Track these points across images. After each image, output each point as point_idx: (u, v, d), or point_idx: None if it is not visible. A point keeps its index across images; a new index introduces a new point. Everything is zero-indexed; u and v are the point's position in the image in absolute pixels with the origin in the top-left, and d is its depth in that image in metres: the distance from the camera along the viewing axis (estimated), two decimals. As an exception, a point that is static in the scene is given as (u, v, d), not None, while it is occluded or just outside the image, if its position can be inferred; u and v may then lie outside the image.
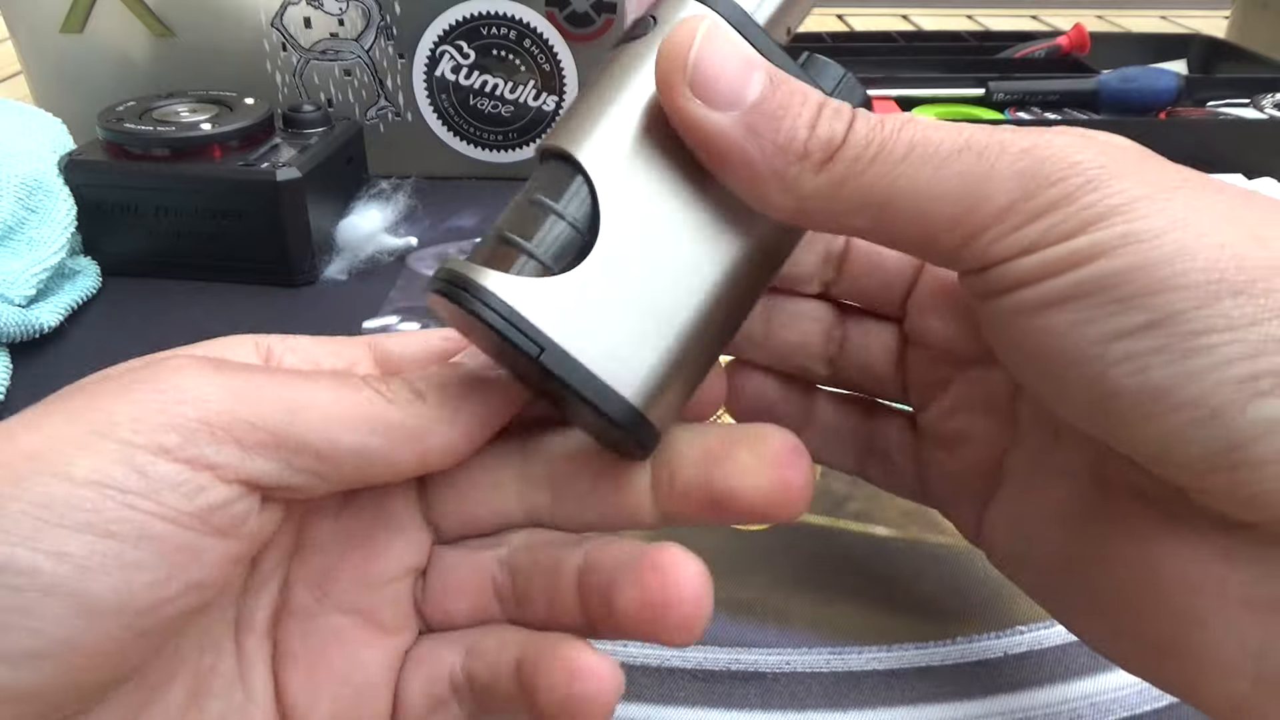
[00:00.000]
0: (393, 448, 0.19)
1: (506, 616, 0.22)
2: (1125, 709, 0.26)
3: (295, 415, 0.18)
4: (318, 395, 0.18)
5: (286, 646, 0.21)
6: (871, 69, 0.75)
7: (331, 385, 0.19)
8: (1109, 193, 0.17)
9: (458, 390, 0.20)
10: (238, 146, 0.45)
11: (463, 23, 0.54)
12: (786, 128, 0.18)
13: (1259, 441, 0.15)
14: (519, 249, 0.19)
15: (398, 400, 0.19)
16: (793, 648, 0.27)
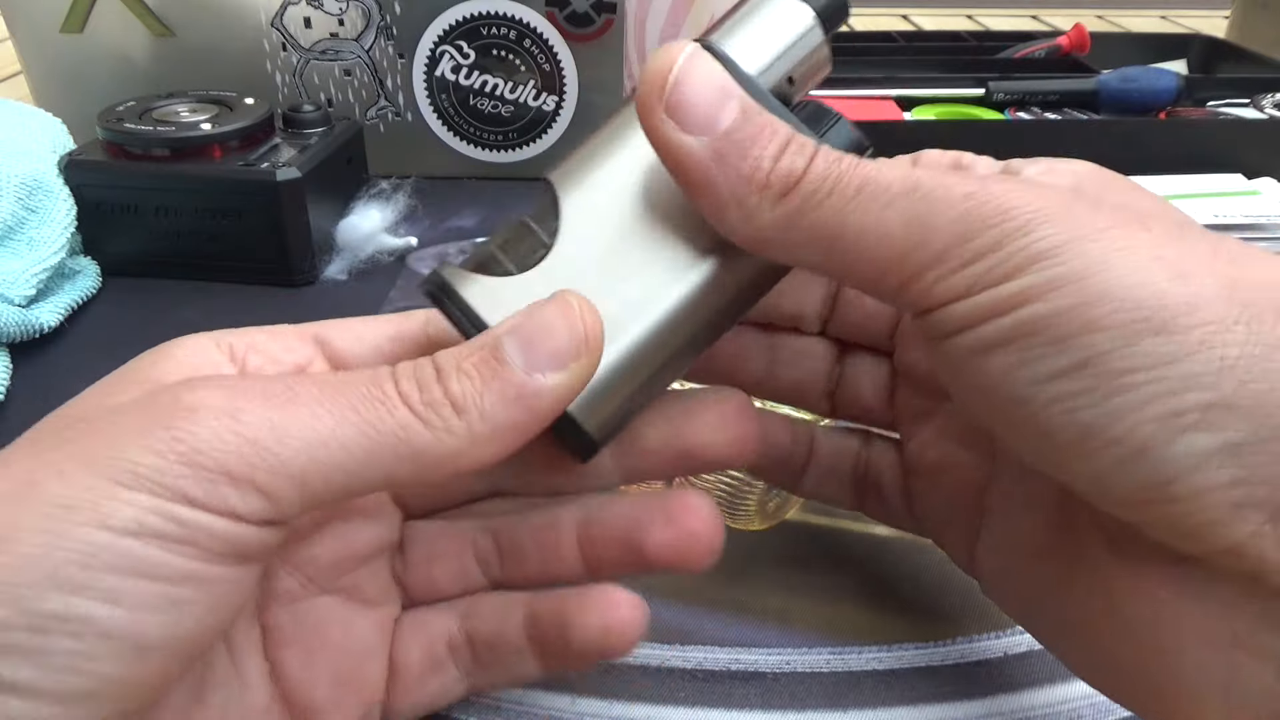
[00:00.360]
0: (423, 473, 0.18)
1: (490, 580, 0.23)
2: (1125, 709, 0.26)
3: (321, 455, 0.17)
4: (344, 430, 0.18)
5: (279, 631, 0.22)
6: (871, 69, 0.75)
7: (361, 409, 0.18)
8: (1040, 236, 0.17)
9: (502, 399, 0.19)
10: (238, 146, 0.45)
11: (463, 23, 0.54)
12: (752, 158, 0.19)
13: (1191, 474, 0.16)
14: (492, 255, 0.21)
15: (433, 420, 0.18)
16: (793, 648, 0.27)
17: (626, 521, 0.22)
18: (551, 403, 0.19)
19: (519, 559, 0.23)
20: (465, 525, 0.24)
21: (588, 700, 0.26)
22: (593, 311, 0.20)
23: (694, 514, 0.22)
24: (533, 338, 0.19)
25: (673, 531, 0.21)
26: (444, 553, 0.24)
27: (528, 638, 0.22)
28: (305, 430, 0.17)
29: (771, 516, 0.32)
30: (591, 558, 0.23)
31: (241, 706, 0.21)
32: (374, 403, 0.18)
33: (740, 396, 0.23)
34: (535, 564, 0.23)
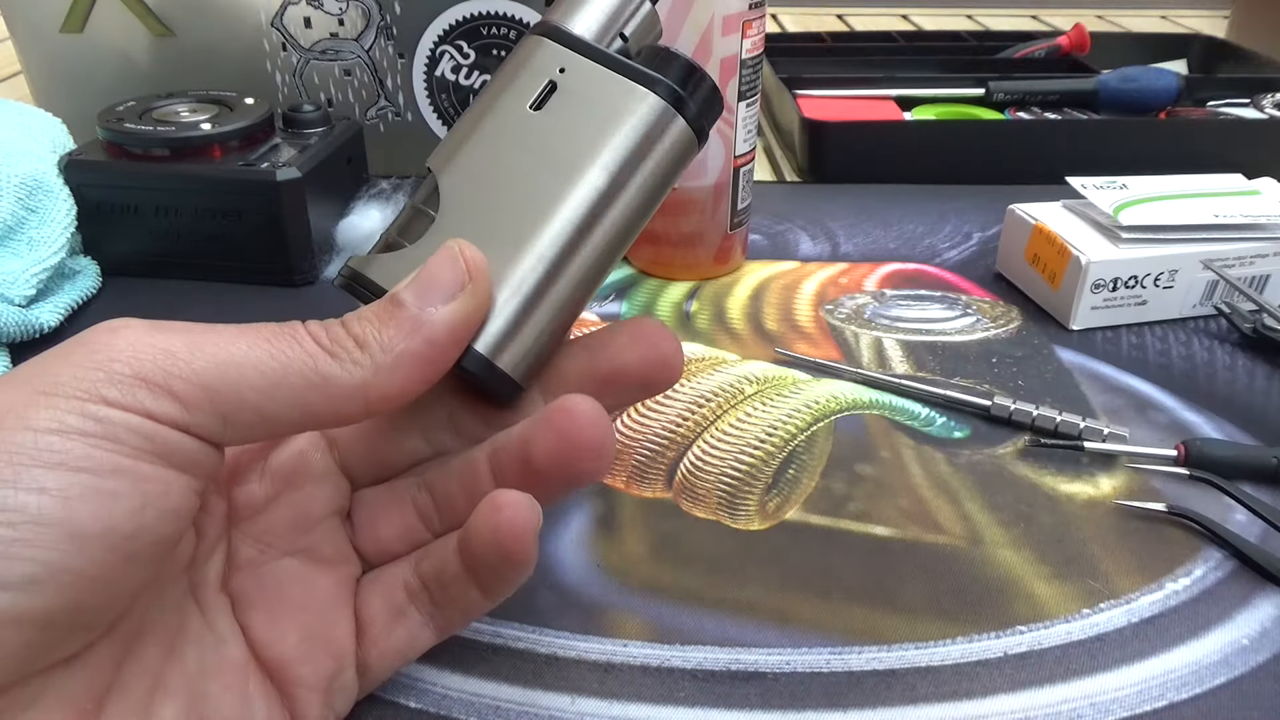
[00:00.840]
0: (333, 402, 0.20)
1: (432, 533, 0.24)
2: (1125, 709, 0.26)
3: (232, 372, 0.19)
4: (255, 352, 0.19)
5: (243, 596, 0.23)
6: (871, 69, 0.75)
7: (271, 339, 0.20)
8: None
9: (399, 332, 0.21)
10: (238, 146, 0.45)
11: (463, 23, 0.54)
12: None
13: None
14: (390, 239, 0.24)
15: (339, 353, 0.20)
16: (793, 648, 0.27)
17: (518, 439, 0.23)
18: (446, 331, 0.21)
19: (451, 506, 0.24)
20: (404, 485, 0.25)
21: (588, 700, 0.26)
22: (473, 249, 0.22)
23: (571, 416, 0.22)
24: (424, 282, 0.21)
25: (552, 437, 0.22)
26: (388, 512, 0.25)
27: (462, 563, 0.23)
28: (218, 350, 0.19)
29: (771, 516, 0.32)
30: (502, 484, 0.23)
31: (218, 659, 0.21)
32: (284, 337, 0.20)
33: (654, 320, 0.25)
34: (464, 506, 0.23)
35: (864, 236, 0.53)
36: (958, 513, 0.33)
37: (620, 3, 0.25)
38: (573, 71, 0.24)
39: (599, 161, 0.23)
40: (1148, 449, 0.35)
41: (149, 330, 0.19)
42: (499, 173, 0.24)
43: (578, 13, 0.25)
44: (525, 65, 0.24)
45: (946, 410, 0.38)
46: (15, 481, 0.16)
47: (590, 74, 0.24)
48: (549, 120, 0.24)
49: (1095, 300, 0.43)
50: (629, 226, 0.24)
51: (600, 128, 0.24)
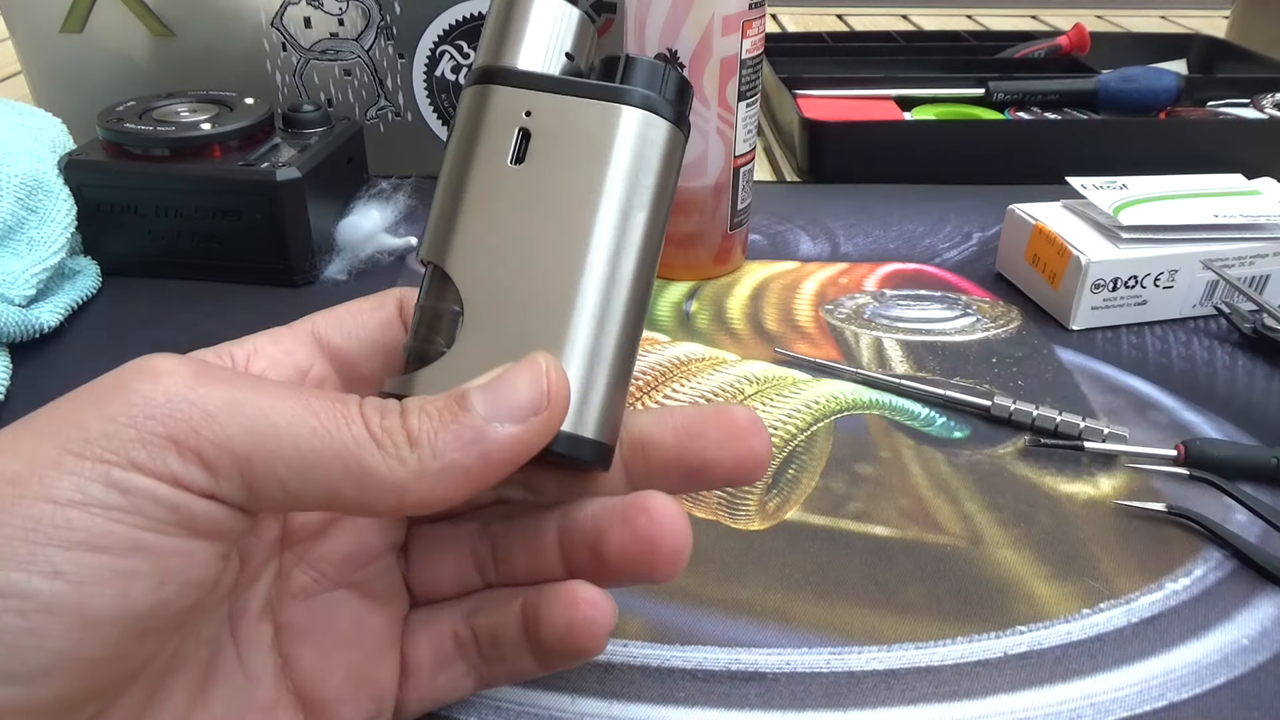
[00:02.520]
0: (366, 495, 0.18)
1: (486, 583, 0.24)
2: (1125, 709, 0.26)
3: (268, 444, 0.17)
4: (298, 426, 0.18)
5: (291, 626, 0.22)
6: (871, 69, 0.75)
7: (320, 414, 0.18)
8: None
9: (457, 440, 0.19)
10: (238, 146, 0.45)
11: (463, 23, 0.54)
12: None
13: None
14: (423, 347, 0.22)
15: (386, 445, 0.18)
16: (793, 648, 0.27)
17: (593, 524, 0.22)
18: (506, 453, 0.19)
19: (511, 563, 0.23)
20: (465, 529, 0.24)
21: (588, 700, 0.26)
22: (559, 369, 0.20)
23: (650, 518, 0.21)
24: (498, 391, 0.19)
25: (629, 535, 0.21)
26: (445, 554, 0.24)
27: (523, 632, 0.22)
28: (260, 415, 0.17)
29: (771, 516, 0.32)
30: (570, 563, 0.22)
31: (247, 701, 0.21)
32: (334, 414, 0.18)
33: (747, 413, 0.23)
34: (523, 568, 0.23)
35: (864, 236, 0.53)
36: (958, 513, 0.33)
37: (551, 23, 0.24)
38: (539, 111, 0.22)
39: (604, 196, 0.22)
40: (1148, 449, 0.35)
41: (191, 381, 0.17)
42: (508, 243, 0.22)
43: (514, 48, 0.23)
44: (485, 120, 0.22)
45: (946, 410, 0.38)
46: (30, 563, 0.16)
47: (559, 107, 0.22)
48: (535, 170, 0.22)
49: (1095, 300, 0.43)
50: (655, 245, 0.23)
51: (590, 161, 0.22)
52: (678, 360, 0.41)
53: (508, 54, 0.23)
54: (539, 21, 0.23)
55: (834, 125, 0.60)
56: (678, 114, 0.23)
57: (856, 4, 1.19)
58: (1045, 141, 0.60)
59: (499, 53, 0.23)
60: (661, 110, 0.23)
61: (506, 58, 0.23)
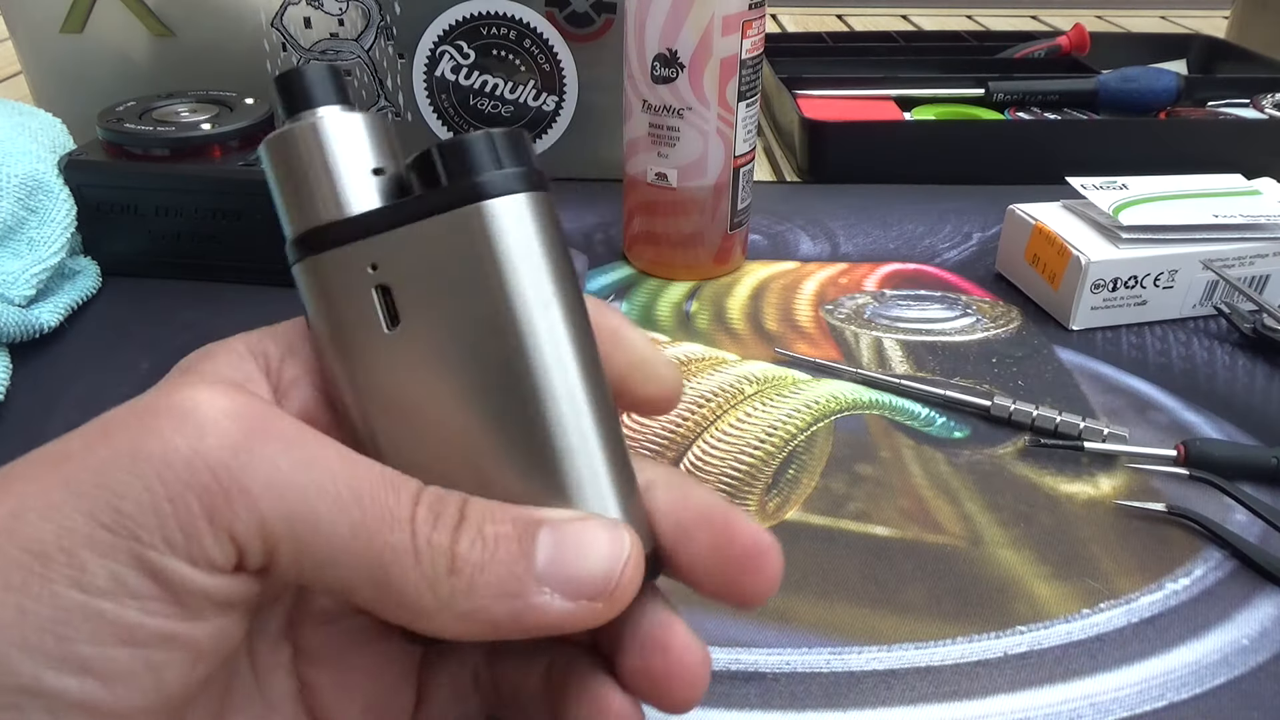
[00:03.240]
0: (379, 602, 0.17)
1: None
2: (1125, 709, 0.26)
3: (302, 530, 0.16)
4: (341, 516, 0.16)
5: (311, 651, 0.21)
6: (871, 69, 0.75)
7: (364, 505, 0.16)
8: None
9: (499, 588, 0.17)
10: (238, 146, 0.45)
11: (463, 23, 0.54)
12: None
13: None
14: None
15: (425, 563, 0.17)
16: (793, 648, 0.27)
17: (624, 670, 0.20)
18: (541, 626, 0.17)
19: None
20: None
21: (588, 700, 0.26)
22: (638, 558, 0.18)
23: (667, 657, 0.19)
24: (567, 550, 0.17)
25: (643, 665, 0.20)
26: None
27: (546, 695, 0.21)
28: (302, 501, 0.16)
29: (771, 516, 0.32)
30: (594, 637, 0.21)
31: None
32: (383, 509, 0.17)
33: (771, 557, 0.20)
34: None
35: (864, 236, 0.53)
36: (958, 513, 0.33)
37: (338, 147, 0.19)
38: (386, 258, 0.18)
39: (510, 317, 0.18)
40: (1148, 449, 0.35)
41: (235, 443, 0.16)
42: (434, 421, 0.18)
43: (314, 200, 0.19)
44: (330, 298, 0.18)
45: (946, 410, 0.38)
46: (61, 661, 0.15)
47: (404, 243, 0.18)
48: (419, 322, 0.18)
49: (1095, 300, 0.43)
50: (583, 318, 0.19)
51: (475, 282, 0.18)
52: (678, 360, 0.41)
53: (311, 210, 0.19)
54: (322, 153, 0.19)
55: (834, 125, 0.60)
56: (529, 176, 0.19)
57: (856, 4, 1.19)
58: (1045, 141, 0.60)
59: (302, 213, 0.19)
60: (513, 185, 0.18)
61: (313, 214, 0.19)
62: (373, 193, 0.19)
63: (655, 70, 0.43)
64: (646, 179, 0.46)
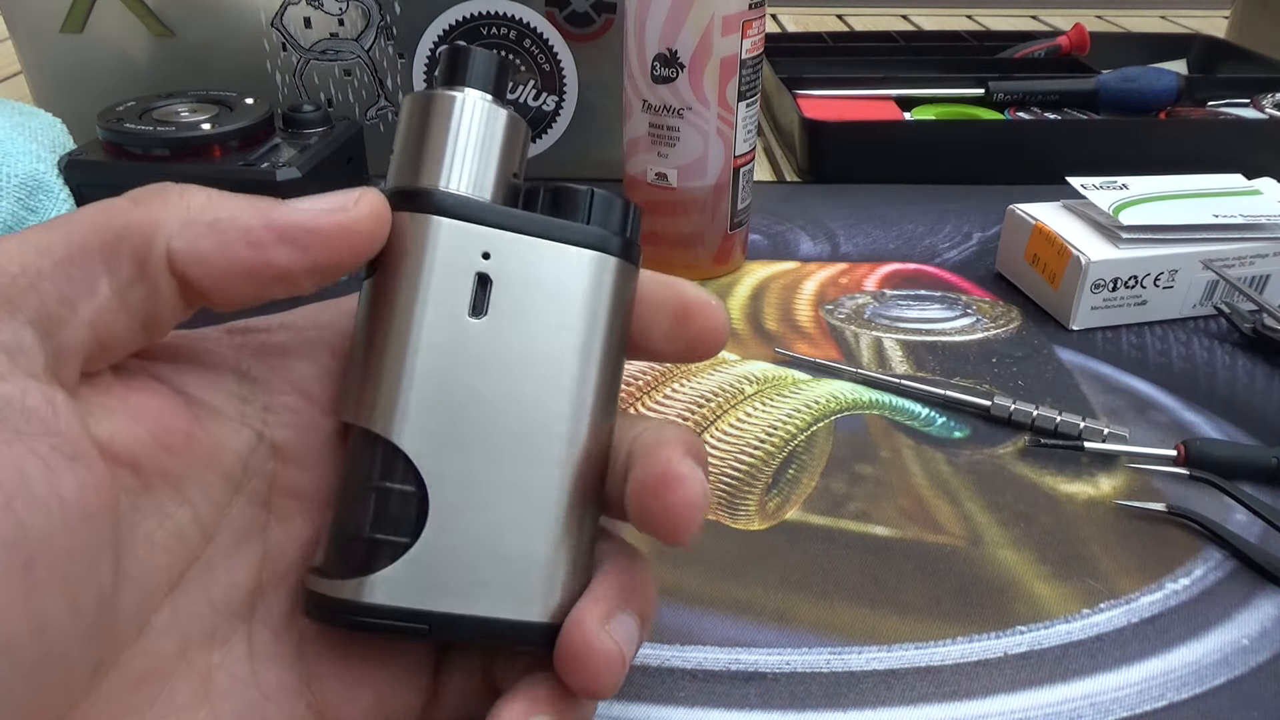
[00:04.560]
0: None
1: None
2: (1125, 709, 0.26)
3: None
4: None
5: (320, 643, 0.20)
6: (871, 69, 0.75)
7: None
8: None
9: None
10: (238, 146, 0.45)
11: (463, 23, 0.54)
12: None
13: None
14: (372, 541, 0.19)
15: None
16: (793, 648, 0.27)
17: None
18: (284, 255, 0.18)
19: None
20: None
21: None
22: (374, 197, 0.19)
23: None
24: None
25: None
26: None
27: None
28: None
29: (771, 516, 0.32)
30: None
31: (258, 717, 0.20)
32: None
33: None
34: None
35: (864, 236, 0.53)
36: (958, 513, 0.33)
37: (488, 133, 0.20)
38: (500, 254, 0.19)
39: (577, 354, 0.20)
40: (1148, 449, 0.35)
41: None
42: (470, 413, 0.19)
43: (457, 165, 0.19)
44: (435, 259, 0.19)
45: (946, 410, 0.38)
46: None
47: (521, 250, 0.19)
48: (499, 325, 0.19)
49: (1095, 300, 0.43)
50: (617, 387, 0.21)
51: (560, 314, 0.19)
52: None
53: (446, 174, 0.19)
54: (474, 131, 0.20)
55: (834, 125, 0.60)
56: (636, 249, 0.21)
57: (856, 4, 1.19)
58: (1045, 141, 0.60)
59: (433, 171, 0.19)
60: (628, 253, 0.20)
61: (446, 179, 0.19)
62: (502, 190, 0.20)
63: (655, 70, 0.43)
64: (646, 179, 0.46)
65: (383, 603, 0.18)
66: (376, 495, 0.19)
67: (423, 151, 0.20)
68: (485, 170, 0.20)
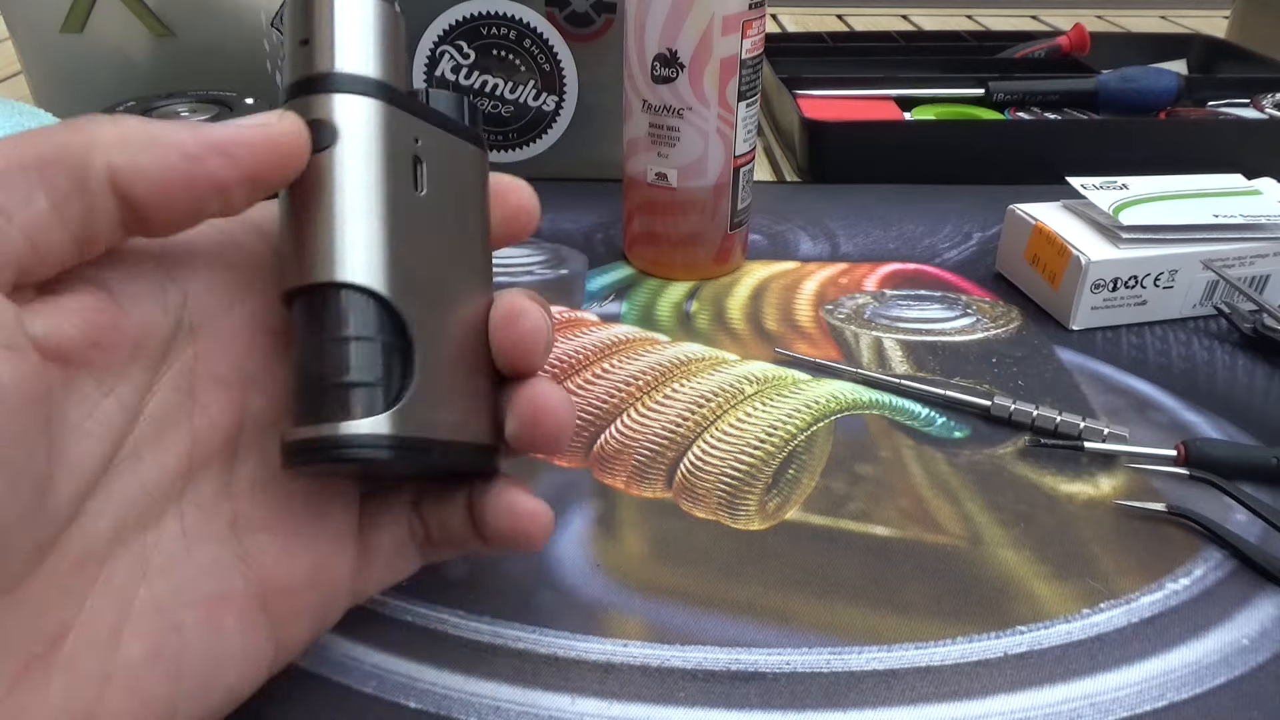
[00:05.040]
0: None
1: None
2: (1125, 709, 0.26)
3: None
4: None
5: (250, 516, 0.22)
6: (871, 69, 0.75)
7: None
8: None
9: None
10: (238, 146, 0.45)
11: (463, 23, 0.54)
12: None
13: None
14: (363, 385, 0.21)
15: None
16: (793, 648, 0.27)
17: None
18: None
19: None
20: None
21: (588, 700, 0.26)
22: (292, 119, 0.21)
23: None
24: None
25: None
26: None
27: (470, 526, 0.25)
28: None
29: (771, 516, 0.32)
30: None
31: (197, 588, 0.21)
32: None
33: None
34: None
35: (864, 236, 0.53)
36: (958, 513, 0.33)
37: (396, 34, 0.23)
38: (425, 143, 0.23)
39: (479, 232, 0.25)
40: (1148, 449, 0.35)
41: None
42: (427, 273, 0.22)
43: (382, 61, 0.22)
44: (385, 142, 0.21)
45: (946, 410, 0.38)
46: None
47: (438, 141, 0.23)
48: (430, 200, 0.23)
49: (1095, 300, 0.43)
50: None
51: (464, 198, 0.24)
52: (678, 360, 0.41)
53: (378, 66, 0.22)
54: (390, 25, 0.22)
55: (834, 125, 0.60)
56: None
57: (856, 4, 1.19)
58: (1045, 141, 0.60)
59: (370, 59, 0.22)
60: (483, 143, 0.25)
61: (380, 70, 0.22)
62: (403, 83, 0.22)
63: (655, 70, 0.43)
64: (646, 179, 0.46)
65: (396, 433, 0.21)
66: (365, 343, 0.21)
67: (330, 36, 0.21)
68: (396, 65, 0.22)
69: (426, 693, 0.26)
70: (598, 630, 0.28)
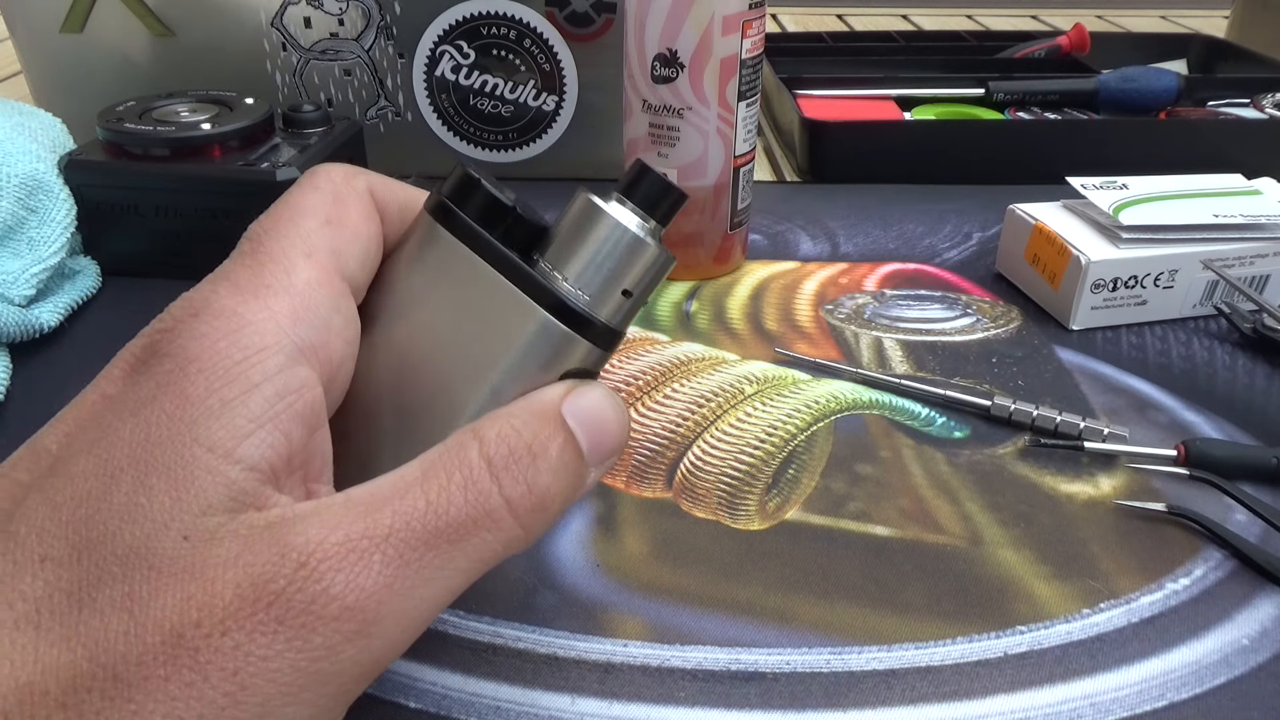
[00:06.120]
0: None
1: None
2: (1125, 709, 0.26)
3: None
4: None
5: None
6: (871, 69, 0.75)
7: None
8: None
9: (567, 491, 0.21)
10: (238, 146, 0.45)
11: (463, 23, 0.54)
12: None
13: None
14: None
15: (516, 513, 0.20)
16: (793, 648, 0.27)
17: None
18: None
19: None
20: None
21: (587, 700, 0.26)
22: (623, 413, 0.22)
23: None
24: (593, 427, 0.21)
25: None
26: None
27: None
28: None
29: (771, 516, 0.32)
30: None
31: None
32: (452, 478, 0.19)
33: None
34: None
35: (864, 236, 0.53)
36: (958, 513, 0.33)
37: (635, 261, 0.22)
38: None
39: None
40: (1148, 449, 0.35)
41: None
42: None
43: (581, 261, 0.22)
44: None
45: (946, 410, 0.38)
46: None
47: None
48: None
49: (1095, 300, 0.43)
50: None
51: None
52: (677, 360, 0.41)
53: (569, 266, 0.22)
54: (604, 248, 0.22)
55: (834, 125, 0.60)
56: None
57: (856, 4, 1.19)
58: (1045, 141, 0.60)
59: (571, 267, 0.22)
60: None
61: (565, 267, 0.22)
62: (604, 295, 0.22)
63: (655, 70, 0.43)
64: (646, 179, 0.46)
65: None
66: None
67: (562, 240, 0.22)
68: (598, 277, 0.22)
69: (426, 693, 0.26)
70: (598, 630, 0.28)
